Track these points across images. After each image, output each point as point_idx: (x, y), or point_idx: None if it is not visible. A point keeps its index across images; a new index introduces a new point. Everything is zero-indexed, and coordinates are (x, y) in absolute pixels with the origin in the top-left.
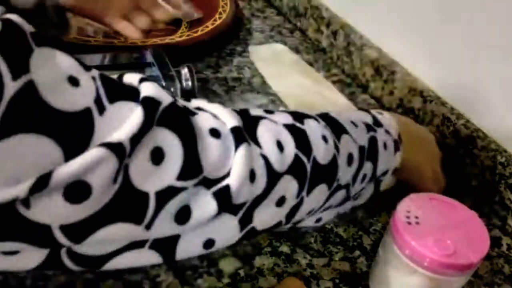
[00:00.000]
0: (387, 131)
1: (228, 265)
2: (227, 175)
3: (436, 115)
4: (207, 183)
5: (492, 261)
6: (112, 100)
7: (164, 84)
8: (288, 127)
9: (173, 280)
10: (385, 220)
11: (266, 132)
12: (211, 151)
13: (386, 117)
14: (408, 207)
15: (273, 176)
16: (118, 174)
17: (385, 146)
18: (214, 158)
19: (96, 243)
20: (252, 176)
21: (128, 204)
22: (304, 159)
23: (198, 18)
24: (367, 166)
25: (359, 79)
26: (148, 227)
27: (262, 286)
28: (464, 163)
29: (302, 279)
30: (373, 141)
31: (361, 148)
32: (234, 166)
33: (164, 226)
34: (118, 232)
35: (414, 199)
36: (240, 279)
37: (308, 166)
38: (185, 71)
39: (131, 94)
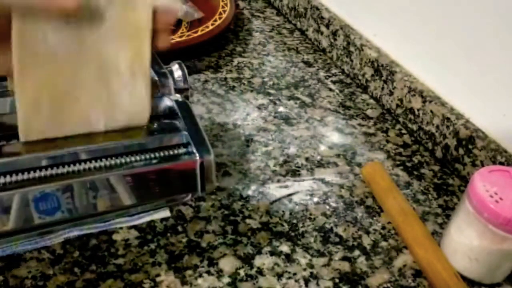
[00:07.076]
0: None
1: (228, 265)
2: None
3: (436, 115)
4: None
5: None
6: None
7: (157, 81)
8: None
9: (173, 280)
10: (385, 220)
11: None
12: None
13: None
14: (483, 185)
15: None
16: None
17: None
18: None
19: None
20: None
21: None
22: None
23: (198, 18)
24: None
25: (359, 79)
26: None
27: (262, 286)
28: (464, 163)
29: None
30: None
31: None
32: None
33: None
34: None
35: (481, 176)
36: (240, 279)
37: None
38: (175, 67)
39: None
